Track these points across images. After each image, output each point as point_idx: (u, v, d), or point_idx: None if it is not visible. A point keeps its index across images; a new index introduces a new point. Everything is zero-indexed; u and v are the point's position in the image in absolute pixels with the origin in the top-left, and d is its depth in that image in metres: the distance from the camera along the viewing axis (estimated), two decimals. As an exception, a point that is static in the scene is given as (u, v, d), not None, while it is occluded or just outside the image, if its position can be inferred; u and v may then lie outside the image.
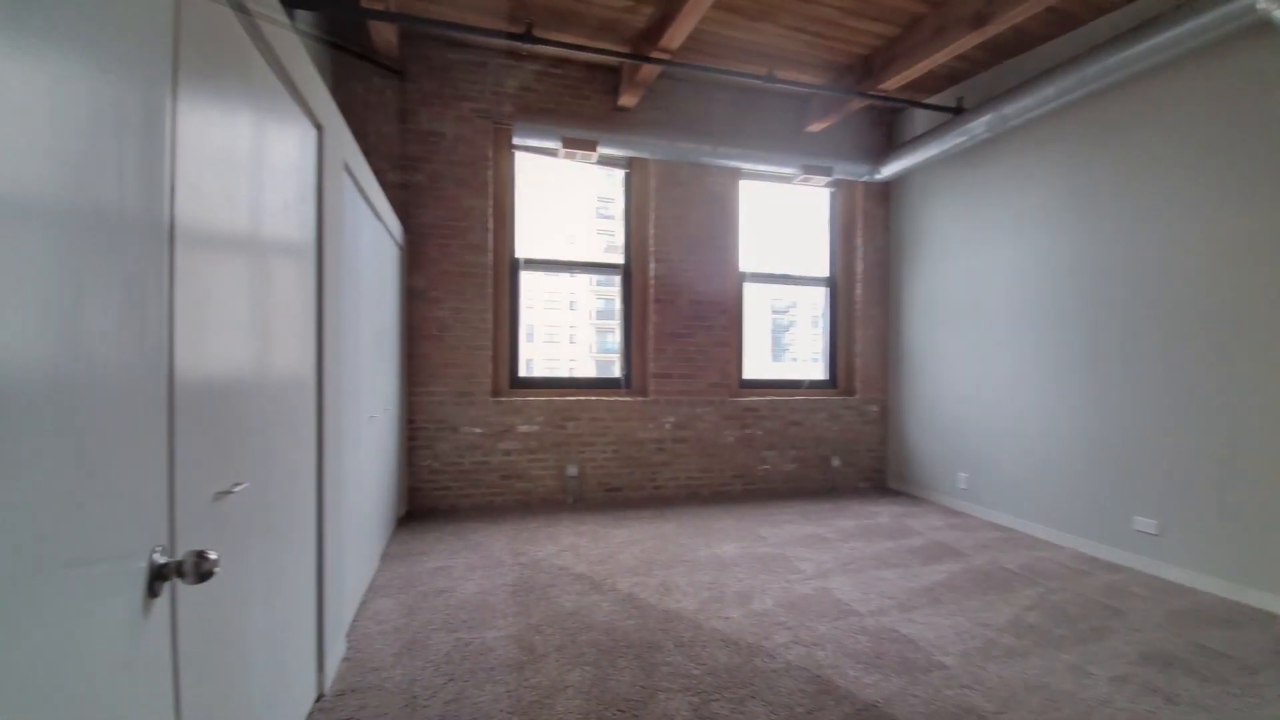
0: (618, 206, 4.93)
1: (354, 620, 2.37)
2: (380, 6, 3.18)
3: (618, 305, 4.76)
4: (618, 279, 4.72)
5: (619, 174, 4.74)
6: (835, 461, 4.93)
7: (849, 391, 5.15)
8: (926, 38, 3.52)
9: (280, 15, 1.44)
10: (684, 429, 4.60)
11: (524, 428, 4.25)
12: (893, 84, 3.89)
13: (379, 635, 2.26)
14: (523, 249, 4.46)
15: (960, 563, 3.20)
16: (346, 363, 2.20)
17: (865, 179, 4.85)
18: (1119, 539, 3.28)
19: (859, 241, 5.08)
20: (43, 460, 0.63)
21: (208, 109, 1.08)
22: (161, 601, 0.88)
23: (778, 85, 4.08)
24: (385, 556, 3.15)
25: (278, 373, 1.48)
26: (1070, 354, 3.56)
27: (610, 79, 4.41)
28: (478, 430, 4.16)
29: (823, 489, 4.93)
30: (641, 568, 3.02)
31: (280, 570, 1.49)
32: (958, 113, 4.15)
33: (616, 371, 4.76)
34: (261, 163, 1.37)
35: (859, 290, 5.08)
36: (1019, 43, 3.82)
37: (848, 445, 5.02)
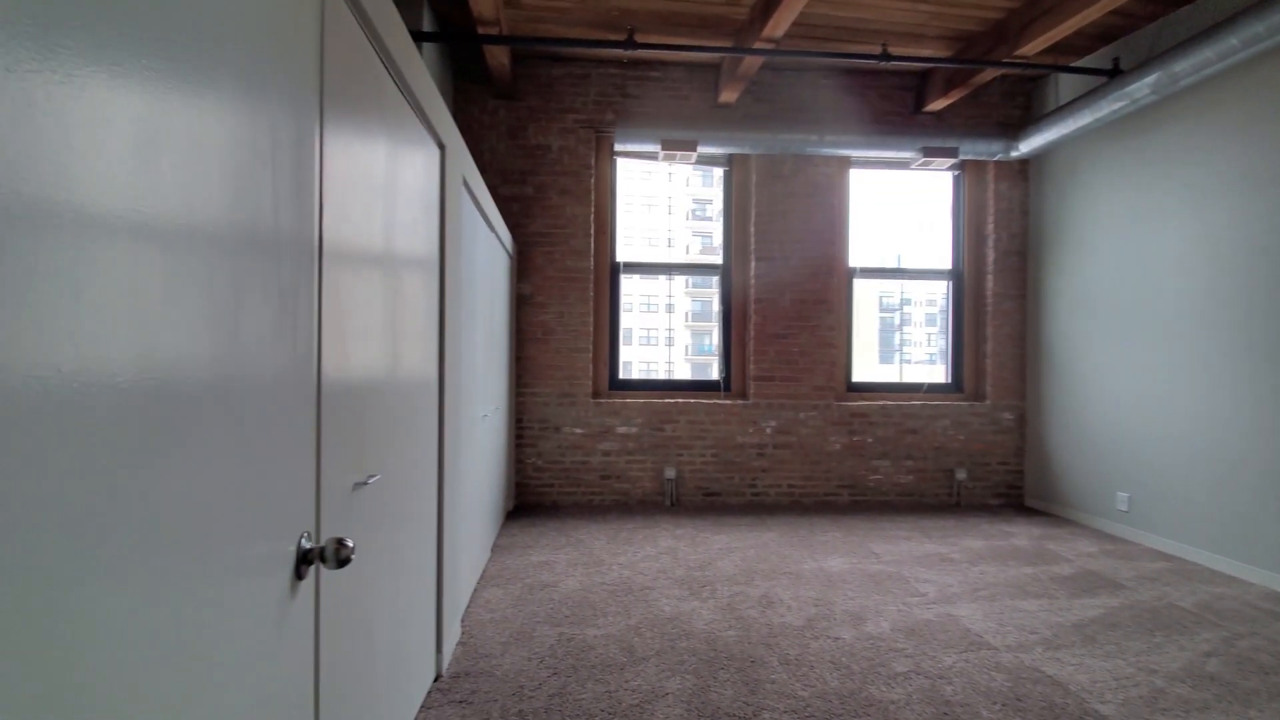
0: (714, 208, 4.87)
1: (468, 607, 2.52)
2: (494, 31, 3.38)
3: (715, 306, 4.68)
4: (714, 280, 4.64)
5: (718, 172, 4.66)
6: (960, 474, 4.47)
7: (977, 396, 4.65)
8: (1075, -8, 3.08)
9: (411, 47, 1.56)
10: (786, 434, 4.41)
11: (623, 429, 4.31)
12: (1032, 48, 3.45)
13: (490, 623, 2.38)
14: (622, 253, 4.54)
15: (1119, 596, 2.76)
16: (463, 364, 2.34)
17: (998, 158, 4.35)
18: (1346, 584, 2.65)
19: (990, 228, 4.58)
20: (210, 450, 0.70)
21: (348, 133, 1.19)
22: (306, 583, 0.97)
23: (893, 63, 3.79)
24: (495, 548, 3.33)
25: (406, 374, 1.59)
26: (1265, 353, 2.94)
27: (709, 76, 4.35)
28: (579, 431, 4.28)
29: (945, 504, 4.49)
30: (742, 577, 2.92)
31: (406, 556, 1.60)
32: (1114, 75, 3.60)
33: (712, 373, 4.68)
34: (394, 181, 1.49)
35: (990, 283, 4.57)
36: (1194, -13, 3.23)
37: (976, 456, 4.53)
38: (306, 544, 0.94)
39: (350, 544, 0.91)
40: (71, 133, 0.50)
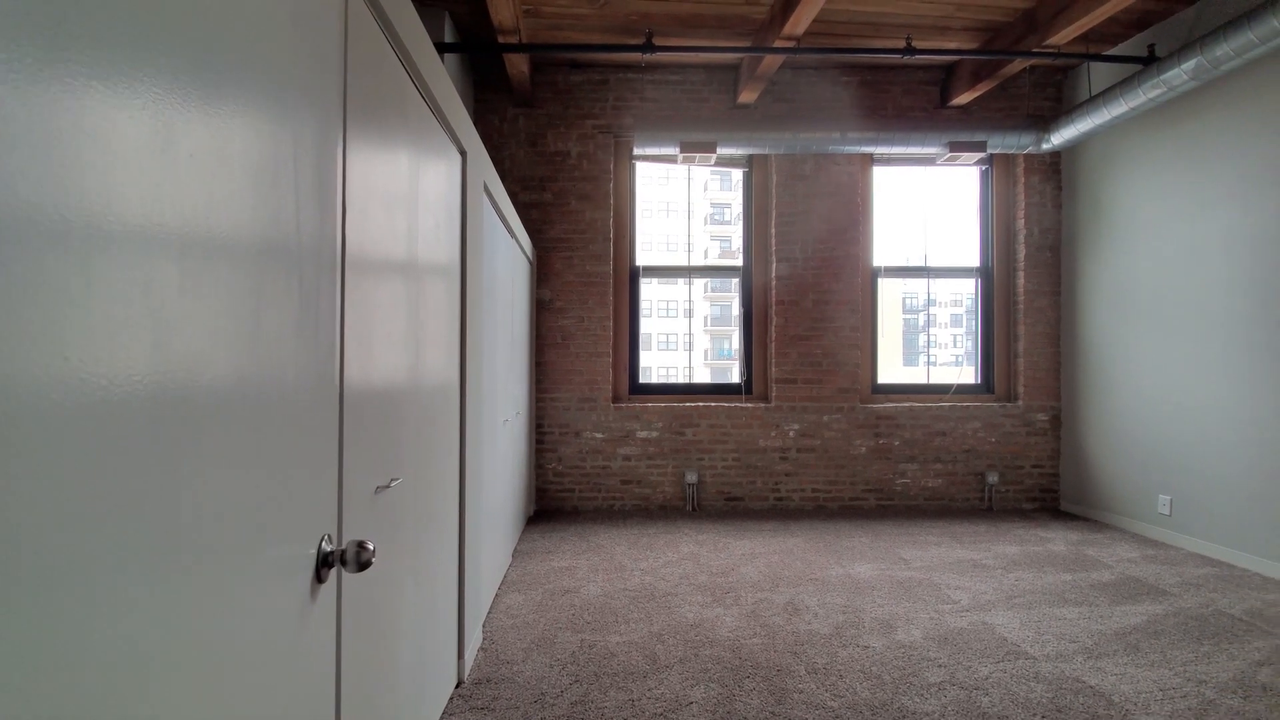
0: (732, 211, 4.84)
1: (489, 613, 2.52)
2: (514, 40, 3.40)
3: (735, 310, 4.63)
4: (733, 283, 4.60)
5: (736, 176, 4.62)
6: (992, 478, 4.34)
7: (1009, 397, 4.51)
8: (1107, -22, 2.98)
9: (432, 51, 1.57)
10: (810, 437, 4.34)
11: (643, 434, 4.28)
12: (1064, 37, 3.35)
13: (511, 629, 2.37)
14: (641, 258, 4.53)
15: (1163, 603, 2.63)
16: (484, 369, 2.35)
17: (1029, 150, 4.22)
18: None
19: (1021, 223, 4.45)
20: (227, 451, 0.70)
21: (371, 139, 1.19)
22: (327, 587, 0.97)
23: (917, 57, 3.72)
24: (516, 553, 3.33)
25: (428, 378, 1.60)
26: (1328, 351, 2.79)
27: (728, 78, 4.33)
28: (599, 435, 4.27)
29: (976, 509, 4.36)
30: (766, 583, 2.87)
31: (428, 560, 1.60)
32: (1150, 62, 3.47)
33: (732, 377, 4.63)
34: (417, 187, 1.50)
35: (1021, 279, 4.44)
36: (1237, -33, 3.10)
37: (1008, 459, 4.39)
38: (327, 546, 0.94)
39: (371, 546, 0.90)
40: (81, 139, 0.50)
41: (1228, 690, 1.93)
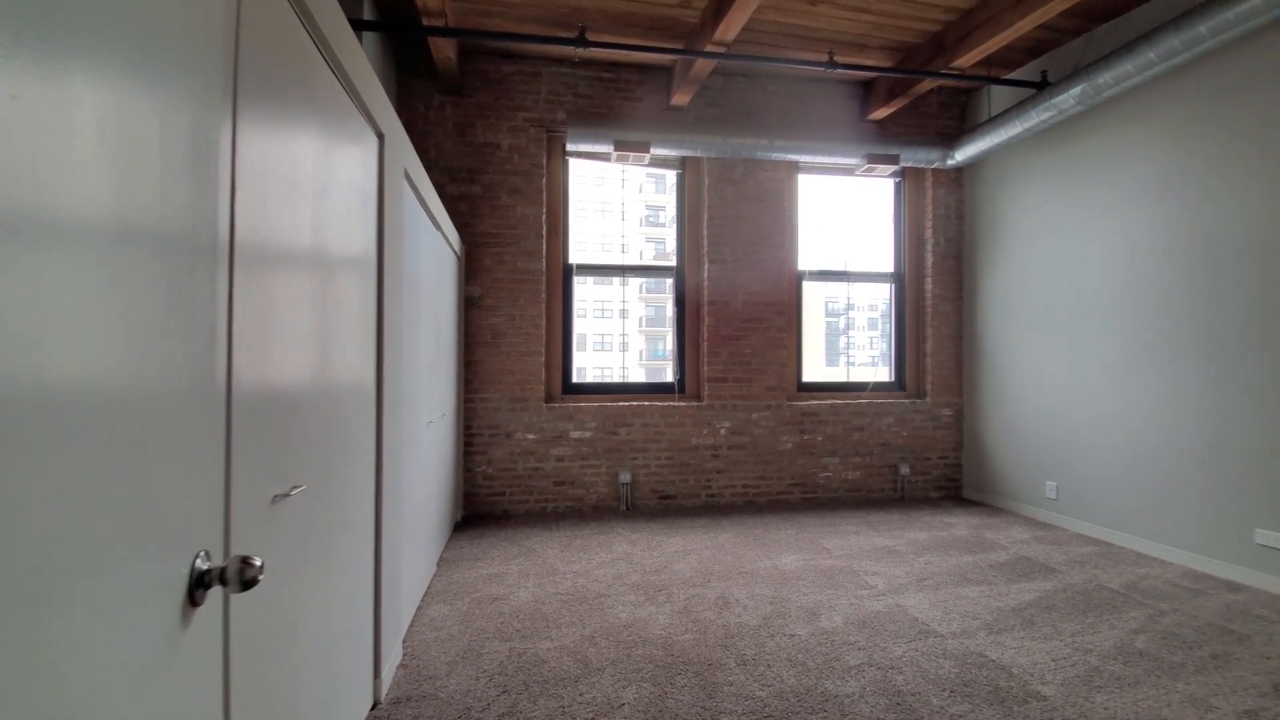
0: (667, 214, 4.88)
1: (410, 626, 2.38)
2: (439, 23, 3.25)
3: (669, 310, 4.67)
4: (667, 283, 4.64)
5: (670, 179, 4.66)
6: (904, 469, 4.63)
7: (919, 394, 4.83)
8: (1008, 6, 3.24)
9: (344, 23, 1.45)
10: (739, 435, 4.44)
11: (576, 434, 4.23)
12: (967, 60, 3.62)
13: (434, 642, 2.25)
14: (575, 256, 4.47)
15: (1053, 580, 2.90)
16: (406, 369, 2.21)
17: (936, 165, 4.55)
18: (1239, 555, 2.88)
19: (929, 233, 4.77)
20: (56, 464, 0.60)
21: (271, 119, 1.07)
22: (207, 611, 0.86)
23: (839, 71, 3.90)
24: (442, 561, 3.18)
25: (339, 378, 1.47)
26: (1182, 348, 3.17)
27: (662, 79, 4.35)
28: (531, 436, 4.17)
29: (890, 498, 4.63)
30: (698, 579, 2.90)
31: (337, 574, 1.48)
32: (1042, 86, 3.82)
33: (666, 377, 4.66)
34: (325, 172, 1.37)
35: (929, 285, 4.76)
36: (1112, 6, 3.47)
37: (918, 452, 4.70)
38: (204, 564, 0.82)
39: (258, 563, 0.80)
40: None
41: (1110, 657, 2.14)
